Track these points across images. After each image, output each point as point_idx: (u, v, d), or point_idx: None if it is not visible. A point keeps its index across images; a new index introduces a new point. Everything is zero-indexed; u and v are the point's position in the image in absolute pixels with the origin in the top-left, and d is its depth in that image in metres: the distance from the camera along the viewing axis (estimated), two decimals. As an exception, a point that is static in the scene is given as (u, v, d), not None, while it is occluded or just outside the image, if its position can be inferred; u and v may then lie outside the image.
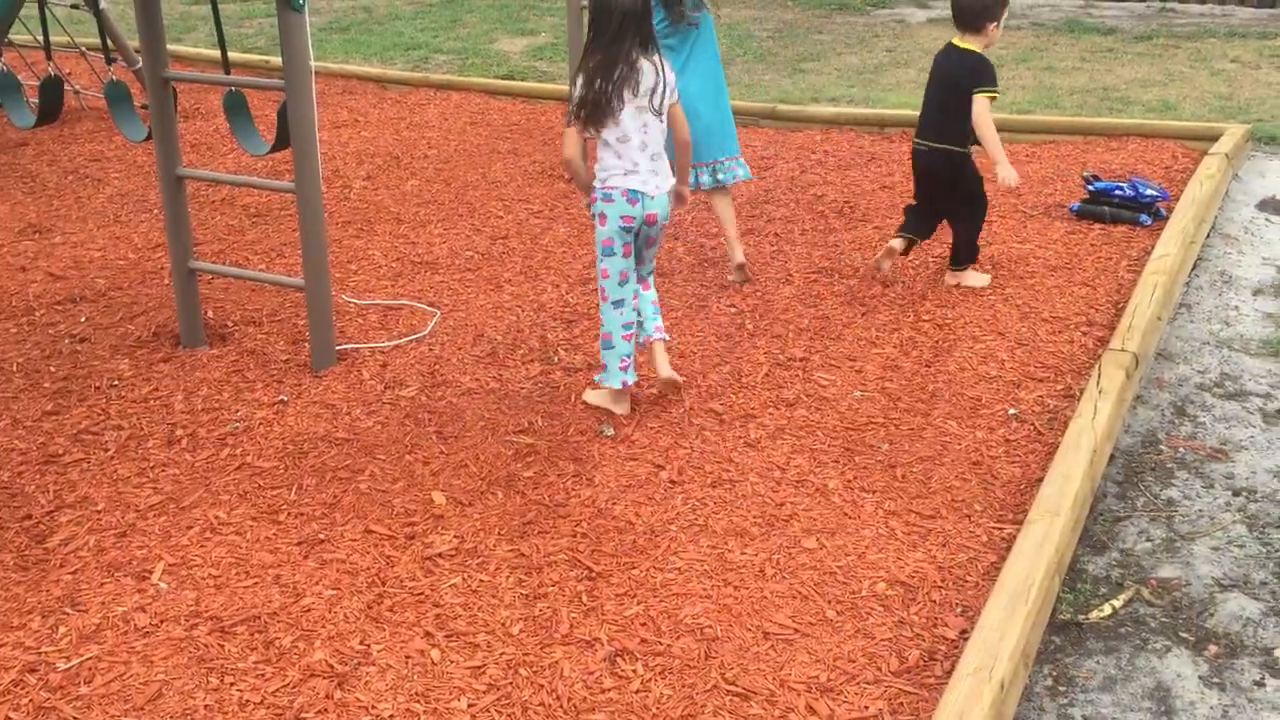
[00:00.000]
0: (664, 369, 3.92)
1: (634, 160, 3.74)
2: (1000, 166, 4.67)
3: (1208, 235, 5.53)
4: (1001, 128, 7.08)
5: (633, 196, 3.74)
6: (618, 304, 3.82)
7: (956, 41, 4.79)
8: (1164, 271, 4.63)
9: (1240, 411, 3.97)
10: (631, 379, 3.84)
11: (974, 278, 4.95)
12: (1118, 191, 5.62)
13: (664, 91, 3.74)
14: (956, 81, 4.72)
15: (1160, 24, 10.47)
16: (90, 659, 2.73)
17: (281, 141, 4.14)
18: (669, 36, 4.74)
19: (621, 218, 3.74)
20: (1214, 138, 6.53)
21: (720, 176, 4.94)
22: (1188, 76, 8.57)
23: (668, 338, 4.03)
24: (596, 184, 3.81)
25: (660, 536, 3.21)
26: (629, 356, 3.83)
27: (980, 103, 4.64)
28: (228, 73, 4.80)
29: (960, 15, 4.74)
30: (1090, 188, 5.68)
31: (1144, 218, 5.55)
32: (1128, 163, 6.42)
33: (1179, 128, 6.85)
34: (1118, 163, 6.43)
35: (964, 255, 4.95)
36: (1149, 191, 5.59)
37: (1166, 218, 5.44)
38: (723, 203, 4.99)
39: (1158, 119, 7.29)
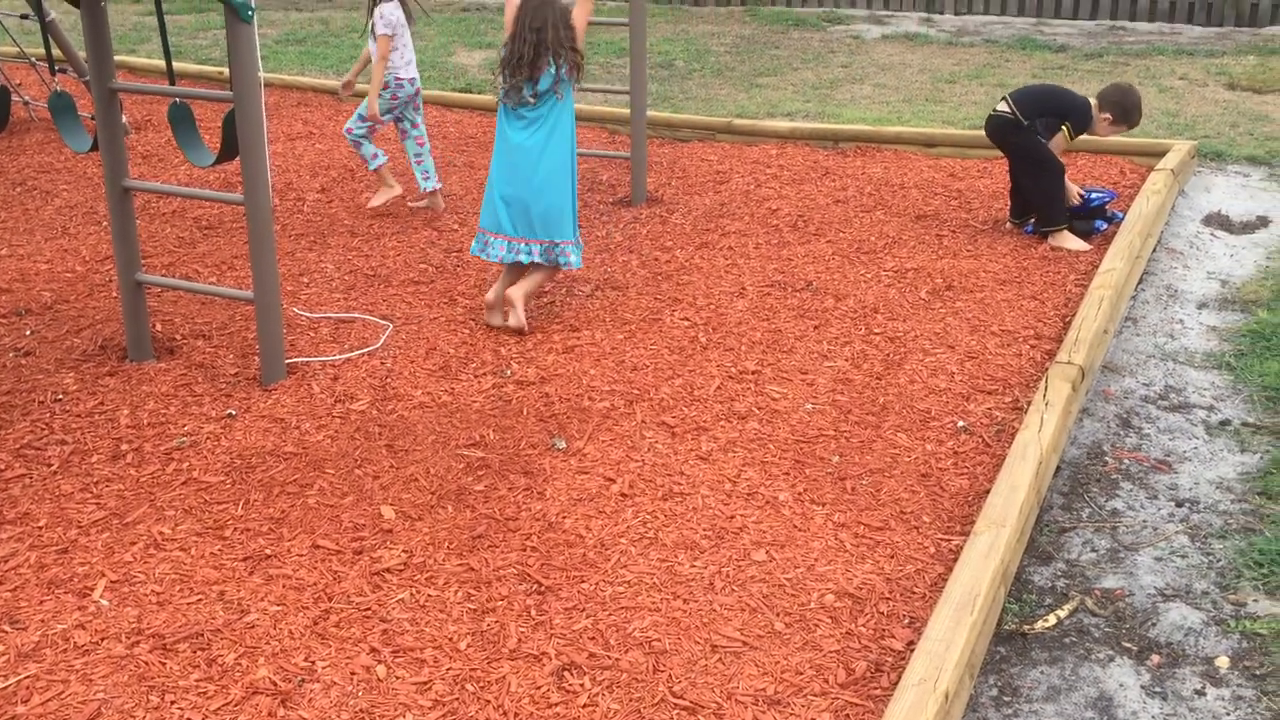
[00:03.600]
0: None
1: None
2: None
3: (1154, 250, 5.61)
4: (955, 143, 7.20)
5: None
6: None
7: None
8: (1110, 286, 4.69)
9: (1184, 423, 4.03)
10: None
11: (1069, 240, 5.54)
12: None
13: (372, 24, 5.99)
14: (1064, 98, 5.70)
15: (1110, 42, 10.62)
16: (28, 678, 2.69)
17: (226, 152, 4.11)
18: (528, 106, 4.56)
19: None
20: (1161, 154, 6.63)
21: (552, 257, 4.68)
22: (1136, 93, 8.70)
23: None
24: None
25: (610, 550, 3.21)
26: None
27: (1061, 137, 5.59)
28: (173, 84, 4.76)
29: (1108, 91, 5.67)
30: None
31: (1099, 224, 5.68)
32: (1076, 177, 6.50)
33: (1127, 144, 6.95)
34: (1067, 178, 6.50)
35: (1045, 216, 5.60)
36: (1095, 195, 5.72)
37: (1121, 218, 5.58)
38: (542, 272, 4.72)
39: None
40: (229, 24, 3.84)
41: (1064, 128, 5.55)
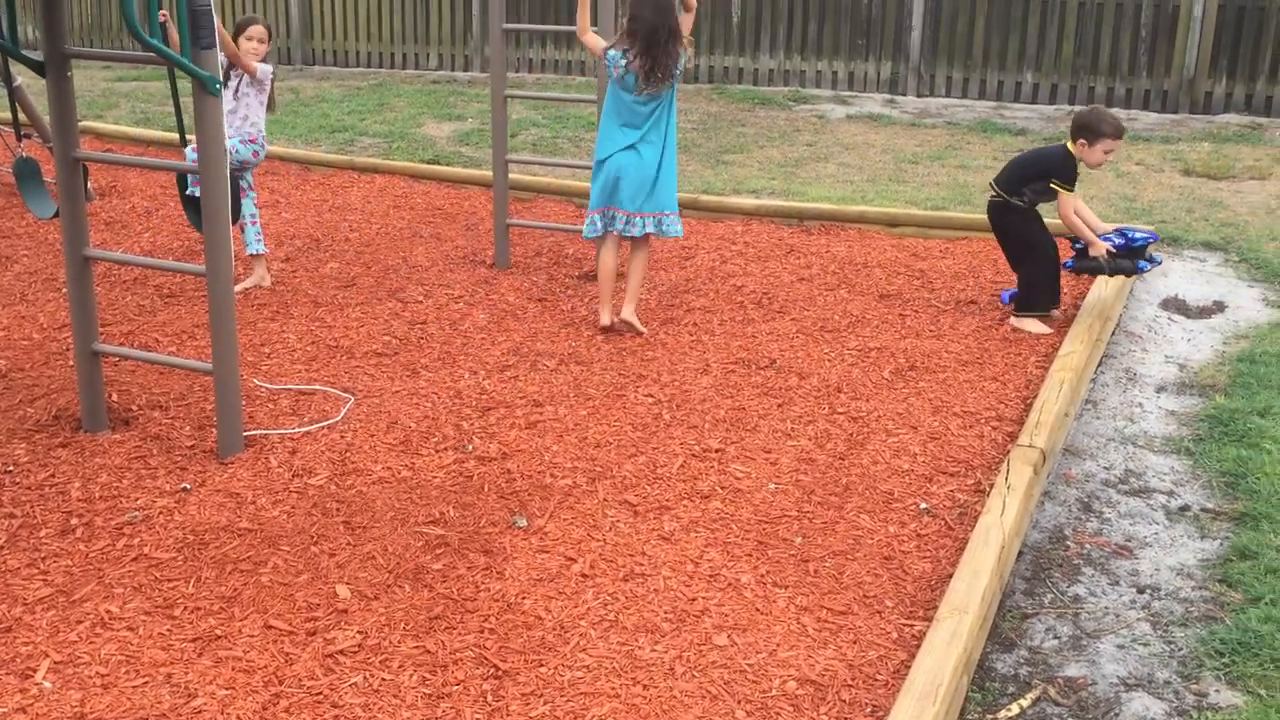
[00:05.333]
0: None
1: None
2: (1093, 248, 5.55)
3: (1113, 333, 5.68)
4: (918, 223, 7.29)
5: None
6: None
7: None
8: (1071, 369, 4.73)
9: (1144, 508, 4.04)
10: None
11: (1031, 324, 5.59)
12: (1105, 241, 5.60)
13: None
14: (1038, 159, 5.74)
15: (1068, 126, 10.85)
16: (-37, 764, 2.59)
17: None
18: (649, 102, 5.38)
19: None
20: (1119, 237, 6.73)
21: (664, 227, 5.53)
22: (1094, 177, 8.85)
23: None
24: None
25: (570, 632, 3.15)
26: None
27: (1061, 197, 5.52)
28: (184, 144, 4.89)
29: (1072, 122, 5.66)
30: (1077, 245, 5.65)
31: (1142, 264, 5.57)
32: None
33: (1086, 227, 7.05)
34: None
35: (1023, 300, 5.65)
36: (1138, 235, 5.60)
37: (1160, 261, 5.68)
38: (642, 256, 5.57)
39: (1066, 218, 7.50)
40: (196, 95, 3.84)
41: (1053, 185, 5.50)
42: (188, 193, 5.73)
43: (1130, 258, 5.59)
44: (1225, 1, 11.24)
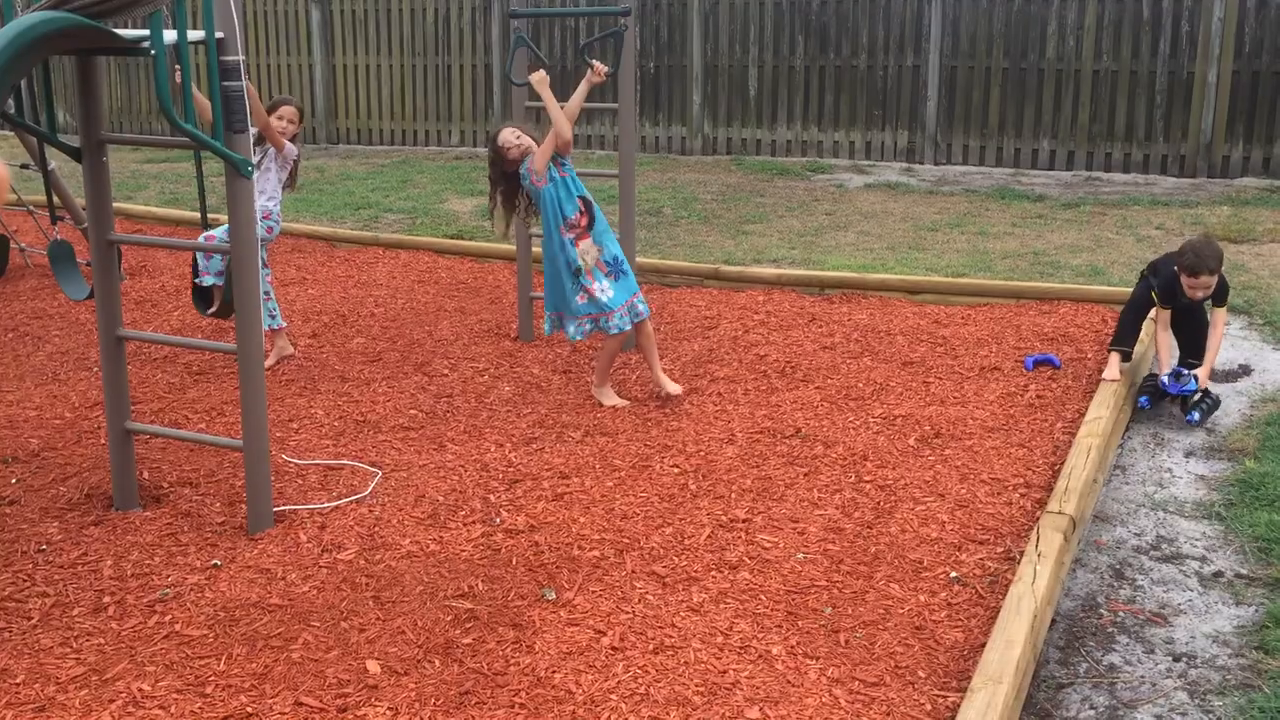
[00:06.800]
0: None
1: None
2: (1159, 368, 5.55)
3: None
4: (939, 290, 7.32)
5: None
6: None
7: None
8: (1098, 434, 4.72)
9: (1177, 575, 4.01)
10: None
11: (1109, 365, 5.60)
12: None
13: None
14: (1160, 260, 5.69)
15: (1087, 192, 10.91)
16: (-3, 846, 2.59)
17: (227, 306, 4.20)
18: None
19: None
20: (1141, 302, 6.73)
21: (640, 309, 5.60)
22: (1114, 242, 8.90)
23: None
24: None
25: (600, 707, 3.14)
26: None
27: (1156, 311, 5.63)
28: (205, 225, 5.01)
29: None
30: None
31: (1143, 400, 5.44)
32: (1059, 326, 6.60)
33: (1108, 292, 7.08)
34: (1050, 326, 6.62)
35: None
36: (1164, 380, 5.42)
37: (1196, 418, 5.32)
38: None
39: (1087, 283, 7.53)
40: (229, 178, 3.93)
41: (1152, 293, 5.56)
42: (197, 280, 5.77)
43: (1156, 395, 5.47)
44: (1239, 67, 11.35)
